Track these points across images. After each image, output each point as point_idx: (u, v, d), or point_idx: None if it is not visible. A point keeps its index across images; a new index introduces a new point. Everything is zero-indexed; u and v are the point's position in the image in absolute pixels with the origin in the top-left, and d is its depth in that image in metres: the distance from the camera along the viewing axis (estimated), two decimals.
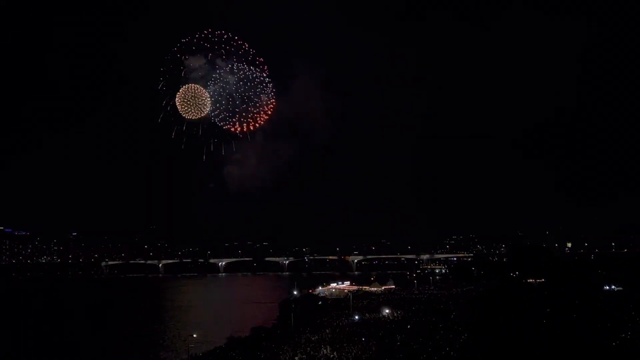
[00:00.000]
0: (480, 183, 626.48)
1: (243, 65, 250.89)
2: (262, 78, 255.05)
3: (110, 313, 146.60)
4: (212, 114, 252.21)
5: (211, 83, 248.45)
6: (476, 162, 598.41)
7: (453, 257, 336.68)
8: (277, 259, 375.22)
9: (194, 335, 75.34)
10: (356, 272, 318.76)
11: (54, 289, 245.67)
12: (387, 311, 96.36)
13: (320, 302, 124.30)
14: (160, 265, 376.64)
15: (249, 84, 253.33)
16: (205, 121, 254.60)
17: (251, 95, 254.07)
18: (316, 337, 74.95)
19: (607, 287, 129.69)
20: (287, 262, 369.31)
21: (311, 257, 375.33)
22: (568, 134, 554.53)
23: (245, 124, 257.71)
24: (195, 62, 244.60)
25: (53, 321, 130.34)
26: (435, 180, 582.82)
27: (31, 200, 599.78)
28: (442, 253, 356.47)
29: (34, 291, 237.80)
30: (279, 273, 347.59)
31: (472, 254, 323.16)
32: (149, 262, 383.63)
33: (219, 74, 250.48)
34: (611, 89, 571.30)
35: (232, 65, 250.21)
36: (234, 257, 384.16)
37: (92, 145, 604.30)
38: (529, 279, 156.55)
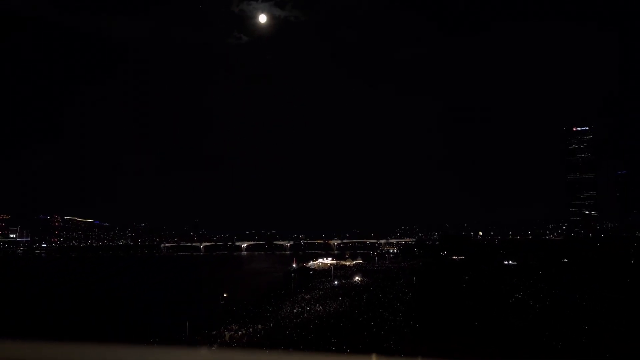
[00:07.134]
0: (424, 188, 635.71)
1: None
2: None
3: (163, 280, 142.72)
4: None
5: None
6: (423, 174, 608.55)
7: (402, 241, 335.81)
8: (281, 242, 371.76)
9: (225, 295, 74.12)
10: (336, 252, 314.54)
11: (128, 265, 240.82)
12: (357, 278, 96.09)
13: (311, 272, 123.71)
14: (201, 246, 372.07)
15: None
16: None
17: None
18: (308, 296, 74.62)
19: (506, 262, 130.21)
20: (289, 244, 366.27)
21: (305, 241, 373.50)
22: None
23: None
24: None
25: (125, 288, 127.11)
26: (391, 185, 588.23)
27: (111, 197, 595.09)
28: (395, 238, 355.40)
29: (117, 266, 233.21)
30: (283, 252, 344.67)
31: (414, 239, 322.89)
32: (193, 244, 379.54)
33: None
34: None
35: None
36: (252, 241, 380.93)
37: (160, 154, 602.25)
38: (454, 256, 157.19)
